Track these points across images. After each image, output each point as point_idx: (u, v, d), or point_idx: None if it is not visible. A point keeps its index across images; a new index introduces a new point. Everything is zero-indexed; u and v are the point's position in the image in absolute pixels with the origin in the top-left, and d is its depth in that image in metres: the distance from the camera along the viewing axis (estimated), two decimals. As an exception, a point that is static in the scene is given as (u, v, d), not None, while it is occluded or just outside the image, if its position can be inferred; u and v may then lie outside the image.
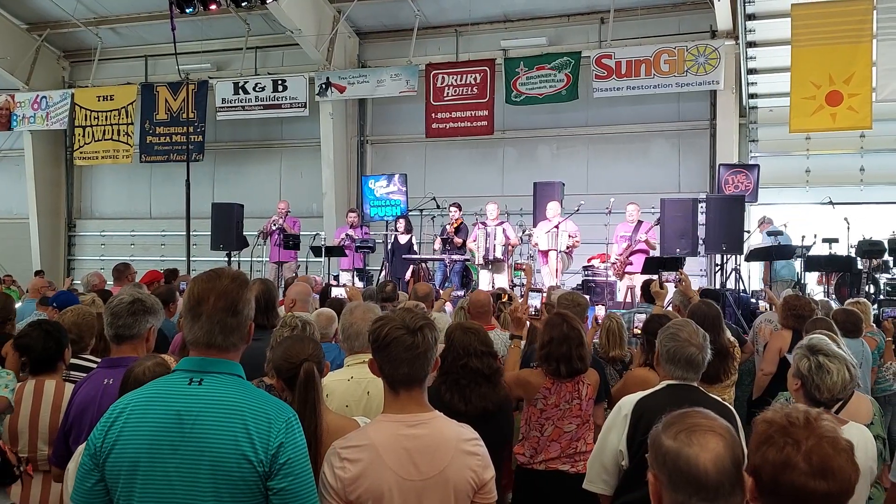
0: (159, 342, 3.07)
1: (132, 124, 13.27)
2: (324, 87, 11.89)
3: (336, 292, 5.82)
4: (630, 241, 8.79)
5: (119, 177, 14.70)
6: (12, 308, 4.26)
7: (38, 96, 13.73)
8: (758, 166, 9.98)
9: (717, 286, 8.28)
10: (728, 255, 8.34)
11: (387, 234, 10.57)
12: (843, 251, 8.66)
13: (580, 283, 9.50)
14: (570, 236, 8.82)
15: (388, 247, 10.29)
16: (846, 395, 2.57)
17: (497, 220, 9.33)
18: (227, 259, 9.76)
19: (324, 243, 9.91)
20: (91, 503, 1.70)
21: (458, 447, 1.90)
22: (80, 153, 13.68)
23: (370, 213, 11.66)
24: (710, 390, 2.91)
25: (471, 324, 3.37)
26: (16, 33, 13.87)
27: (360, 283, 9.23)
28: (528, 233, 9.71)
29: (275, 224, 10.11)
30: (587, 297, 4.95)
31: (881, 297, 8.17)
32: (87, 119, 13.50)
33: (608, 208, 9.38)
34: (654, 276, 6.11)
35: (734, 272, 8.43)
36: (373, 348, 1.96)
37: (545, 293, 4.93)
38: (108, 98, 13.43)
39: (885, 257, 8.34)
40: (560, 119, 11.78)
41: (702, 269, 10.31)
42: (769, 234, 9.14)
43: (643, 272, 7.72)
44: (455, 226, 9.43)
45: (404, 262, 9.70)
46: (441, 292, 6.30)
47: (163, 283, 6.51)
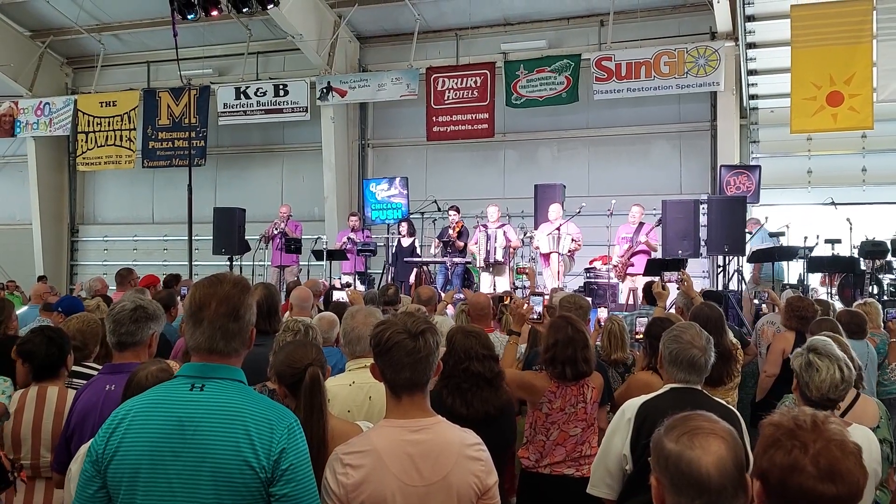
0: (161, 347, 3.06)
1: (135, 130, 13.33)
2: (325, 91, 11.92)
3: (337, 296, 5.82)
4: (631, 243, 8.77)
5: (121, 182, 14.75)
6: (9, 310, 4.25)
7: (41, 103, 13.79)
8: (759, 167, 9.97)
9: (720, 288, 8.26)
10: (730, 257, 8.32)
11: (388, 238, 10.57)
12: (845, 252, 8.63)
13: (582, 285, 9.48)
14: (572, 240, 8.81)
15: (392, 250, 10.28)
16: (839, 395, 2.53)
17: (498, 223, 9.33)
18: (229, 263, 9.77)
19: (325, 247, 9.94)
20: (93, 510, 1.69)
21: (461, 452, 1.89)
22: (83, 159, 13.73)
23: (371, 217, 11.66)
24: (714, 393, 2.90)
25: (472, 327, 3.37)
26: (19, 40, 13.94)
27: (361, 287, 9.23)
28: (529, 235, 9.70)
29: (276, 228, 10.13)
30: (589, 299, 4.92)
31: (885, 297, 8.14)
32: (89, 125, 13.56)
33: (609, 210, 9.38)
34: (657, 278, 6.09)
35: (736, 273, 8.41)
36: (374, 353, 1.95)
37: (547, 296, 4.92)
38: (111, 104, 13.49)
39: (889, 258, 8.30)
40: (560, 121, 11.78)
41: (704, 271, 10.29)
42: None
43: (645, 274, 7.70)
44: (457, 230, 9.42)
45: (407, 266, 9.70)
46: (443, 295, 6.29)
47: (160, 287, 6.51)
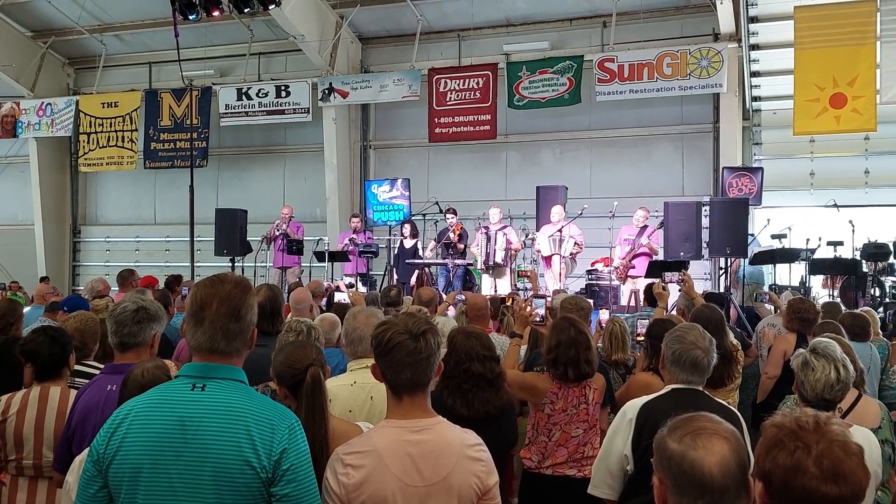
0: (162, 347, 3.07)
1: (136, 131, 13.34)
2: (327, 92, 11.92)
3: (339, 297, 5.82)
4: (633, 245, 8.76)
5: (123, 183, 14.77)
6: (18, 311, 4.26)
7: (42, 103, 13.81)
8: (761, 169, 9.96)
9: (722, 290, 8.24)
10: (732, 259, 8.30)
11: (390, 239, 10.57)
12: (848, 254, 8.62)
13: (584, 286, 9.48)
14: (575, 242, 8.80)
15: (395, 251, 10.29)
16: (834, 395, 2.52)
17: (499, 225, 9.32)
18: (230, 264, 9.78)
19: (327, 248, 9.95)
20: (94, 510, 1.69)
21: (461, 453, 1.89)
22: (85, 160, 13.75)
23: (373, 218, 11.67)
24: (714, 394, 2.89)
25: (473, 328, 3.37)
26: (21, 41, 13.96)
27: (363, 288, 9.24)
28: (531, 237, 9.69)
29: (278, 229, 10.13)
30: (591, 300, 4.92)
31: (887, 300, 8.13)
32: (91, 126, 13.58)
33: (611, 212, 9.37)
34: (658, 279, 6.09)
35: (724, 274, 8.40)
36: (375, 353, 1.95)
37: (549, 298, 4.92)
38: (113, 105, 13.51)
39: (891, 260, 8.29)
40: (563, 123, 11.77)
41: (706, 273, 10.27)
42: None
43: (647, 276, 7.70)
44: (457, 232, 9.41)
45: (409, 267, 9.70)
46: (444, 296, 6.29)
47: (158, 287, 6.52)
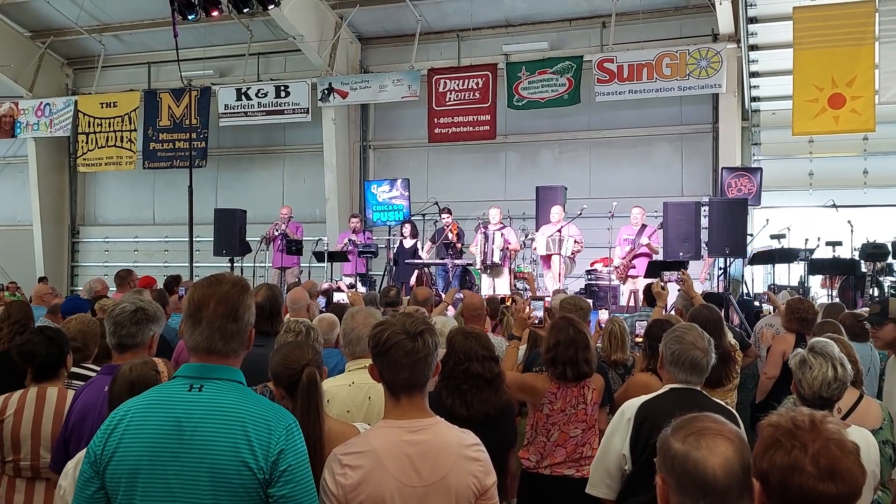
0: (161, 347, 3.06)
1: (135, 131, 13.34)
2: (326, 92, 11.92)
3: (338, 297, 5.82)
4: (633, 245, 8.77)
5: (122, 183, 14.76)
6: (31, 314, 4.25)
7: (41, 103, 13.80)
8: (760, 169, 9.97)
9: (720, 290, 8.24)
10: (731, 259, 8.30)
11: (389, 239, 10.57)
12: (846, 254, 8.63)
13: (583, 287, 9.48)
14: (575, 241, 8.80)
15: (394, 251, 10.28)
16: (831, 393, 2.51)
17: (498, 225, 9.31)
18: (230, 265, 9.77)
19: (326, 248, 9.94)
20: (91, 510, 1.69)
21: (459, 453, 1.89)
22: (84, 160, 13.74)
23: (373, 218, 11.67)
24: (713, 394, 2.89)
25: (472, 328, 3.36)
26: (19, 41, 13.95)
27: (362, 289, 9.24)
28: (530, 237, 9.69)
29: (277, 229, 10.13)
30: (590, 300, 4.92)
31: (886, 300, 8.12)
32: (90, 126, 13.57)
33: (611, 212, 9.37)
34: (657, 279, 6.09)
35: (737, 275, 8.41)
36: (373, 354, 1.95)
37: (548, 300, 4.91)
38: (112, 105, 13.51)
39: (889, 260, 8.29)
40: (562, 123, 11.77)
41: (706, 273, 10.26)
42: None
43: (646, 276, 7.70)
44: (454, 231, 9.41)
45: (408, 267, 9.70)
46: (443, 295, 6.29)
47: (156, 287, 6.52)
